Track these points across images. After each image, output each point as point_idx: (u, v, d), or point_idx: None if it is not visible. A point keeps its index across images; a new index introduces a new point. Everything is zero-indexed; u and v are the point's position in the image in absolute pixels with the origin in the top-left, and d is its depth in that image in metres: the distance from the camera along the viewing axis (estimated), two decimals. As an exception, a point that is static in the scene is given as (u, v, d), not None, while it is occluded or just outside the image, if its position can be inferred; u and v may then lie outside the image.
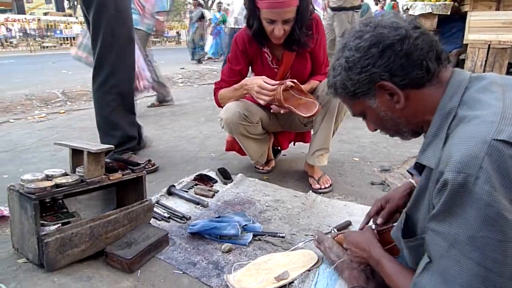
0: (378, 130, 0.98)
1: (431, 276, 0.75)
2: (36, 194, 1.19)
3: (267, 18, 1.63)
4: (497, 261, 0.64)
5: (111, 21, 1.94)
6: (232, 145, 2.18)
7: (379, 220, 1.23)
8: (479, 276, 0.66)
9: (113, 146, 1.46)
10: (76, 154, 1.40)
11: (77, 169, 1.37)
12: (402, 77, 0.80)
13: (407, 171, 1.29)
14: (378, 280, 1.13)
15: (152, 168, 2.18)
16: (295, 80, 1.72)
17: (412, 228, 0.90)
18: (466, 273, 0.67)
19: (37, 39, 17.55)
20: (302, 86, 1.79)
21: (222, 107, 1.93)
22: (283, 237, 1.45)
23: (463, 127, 0.73)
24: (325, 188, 1.92)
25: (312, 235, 1.40)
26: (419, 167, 0.87)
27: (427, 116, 0.84)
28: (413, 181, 1.24)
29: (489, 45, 4.40)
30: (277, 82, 1.71)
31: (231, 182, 2.00)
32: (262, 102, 1.72)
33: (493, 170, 0.64)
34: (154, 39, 16.99)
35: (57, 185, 1.26)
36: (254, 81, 1.72)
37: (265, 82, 1.69)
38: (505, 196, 0.63)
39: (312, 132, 2.02)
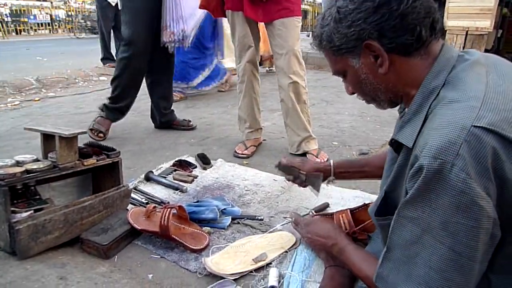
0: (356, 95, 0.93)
1: (393, 264, 0.74)
2: (5, 180, 1.15)
3: None
4: (468, 246, 0.64)
5: None
6: (208, 2, 2.13)
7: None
8: (450, 260, 0.65)
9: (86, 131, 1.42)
10: (48, 139, 1.35)
11: (49, 155, 1.33)
12: (391, 40, 0.76)
13: None
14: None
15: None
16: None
17: (389, 206, 0.87)
18: (437, 257, 0.66)
19: (10, 25, 16.77)
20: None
21: None
22: (261, 220, 1.46)
23: (443, 110, 0.70)
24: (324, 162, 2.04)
25: (290, 217, 1.41)
26: (394, 144, 0.84)
27: (408, 88, 0.81)
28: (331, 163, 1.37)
29: (467, 31, 4.46)
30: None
31: (211, 167, 1.99)
32: None
33: (470, 157, 0.62)
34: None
35: (27, 171, 1.22)
36: None
37: None
38: (480, 184, 0.62)
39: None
